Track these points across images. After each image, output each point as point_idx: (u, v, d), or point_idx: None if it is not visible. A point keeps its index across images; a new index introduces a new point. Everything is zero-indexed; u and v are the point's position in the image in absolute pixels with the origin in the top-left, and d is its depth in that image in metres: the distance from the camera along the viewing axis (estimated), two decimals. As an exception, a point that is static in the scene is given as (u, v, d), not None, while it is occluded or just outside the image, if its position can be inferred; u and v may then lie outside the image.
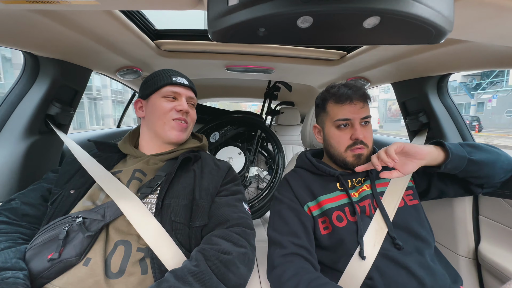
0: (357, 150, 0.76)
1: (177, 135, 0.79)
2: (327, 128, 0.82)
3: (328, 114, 0.81)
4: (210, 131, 1.87)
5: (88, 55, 0.94)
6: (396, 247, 0.69)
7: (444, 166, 0.70)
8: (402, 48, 0.89)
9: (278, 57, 1.20)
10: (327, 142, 0.82)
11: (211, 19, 0.34)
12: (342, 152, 0.78)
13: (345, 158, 0.78)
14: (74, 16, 0.68)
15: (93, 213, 0.63)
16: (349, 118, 0.77)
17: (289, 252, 0.69)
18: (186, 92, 0.82)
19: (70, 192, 0.69)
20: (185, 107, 0.79)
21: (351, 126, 0.78)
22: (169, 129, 0.79)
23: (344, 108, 0.77)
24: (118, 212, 0.64)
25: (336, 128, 0.79)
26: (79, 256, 0.58)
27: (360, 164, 0.76)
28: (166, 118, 0.78)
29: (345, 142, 0.78)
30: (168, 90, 0.80)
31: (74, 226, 0.60)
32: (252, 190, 2.04)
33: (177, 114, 0.79)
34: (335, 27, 0.35)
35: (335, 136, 0.79)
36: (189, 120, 0.83)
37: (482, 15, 0.44)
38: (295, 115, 2.33)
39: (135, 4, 0.45)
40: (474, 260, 0.92)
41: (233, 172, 0.85)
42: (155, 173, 0.75)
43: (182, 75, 0.85)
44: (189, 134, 0.87)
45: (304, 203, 0.78)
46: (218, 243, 0.63)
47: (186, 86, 0.82)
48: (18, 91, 0.89)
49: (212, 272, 0.57)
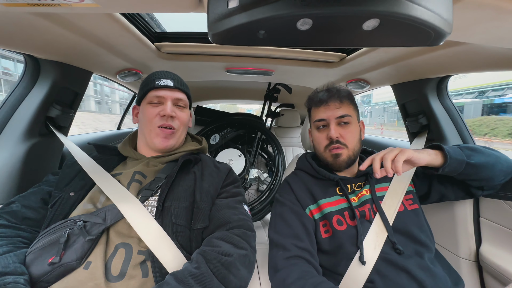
0: (333, 150, 0.78)
1: (162, 142, 0.77)
2: (312, 131, 0.87)
3: (311, 117, 0.86)
4: (210, 133, 1.87)
5: (88, 58, 0.94)
6: (396, 251, 0.69)
7: (442, 169, 0.70)
8: (402, 50, 0.90)
9: (278, 59, 1.20)
10: (313, 143, 0.87)
11: (211, 21, 0.34)
12: (322, 152, 0.81)
13: (326, 158, 0.81)
14: (75, 18, 0.68)
15: (94, 217, 0.63)
16: (324, 119, 0.80)
17: (293, 255, 0.68)
18: (171, 95, 0.78)
19: (70, 194, 0.69)
20: (167, 111, 0.76)
21: (327, 127, 0.80)
22: (154, 136, 0.77)
23: (320, 110, 0.81)
24: (119, 215, 0.64)
25: (316, 129, 0.83)
26: (79, 260, 0.57)
27: (340, 163, 0.78)
28: (152, 125, 0.77)
29: (322, 142, 0.81)
30: (152, 95, 0.77)
31: (75, 230, 0.60)
32: (252, 192, 2.04)
33: (161, 120, 0.76)
34: (335, 29, 0.35)
35: (316, 137, 0.84)
36: (177, 124, 0.79)
37: (481, 17, 0.44)
38: (295, 117, 2.33)
39: (136, 7, 0.45)
40: (476, 263, 0.91)
41: (233, 174, 0.85)
42: (155, 175, 0.74)
43: (169, 76, 0.80)
44: (180, 138, 0.83)
45: (306, 206, 0.78)
46: (218, 245, 0.62)
47: (171, 88, 0.78)
48: (19, 93, 0.89)
49: (213, 274, 0.56)
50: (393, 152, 0.66)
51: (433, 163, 0.70)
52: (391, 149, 0.69)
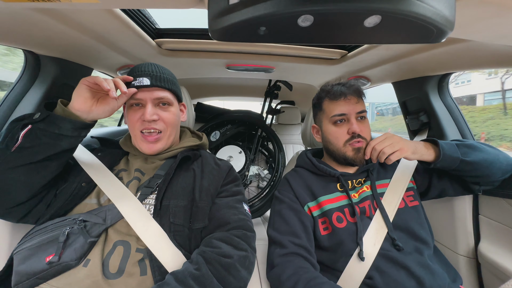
0: (356, 144, 0.77)
1: (148, 148, 0.73)
2: (324, 126, 0.84)
3: (324, 112, 0.83)
4: (210, 130, 1.87)
5: (88, 54, 0.94)
6: (396, 248, 0.69)
7: (434, 164, 0.72)
8: (403, 47, 0.89)
9: (279, 56, 1.19)
10: (326, 139, 0.84)
11: (212, 17, 0.34)
12: (341, 147, 0.79)
13: (345, 153, 0.79)
14: (75, 14, 0.68)
15: (94, 216, 0.62)
16: (344, 113, 0.78)
17: (289, 252, 0.69)
18: (150, 95, 0.71)
19: (82, 185, 0.68)
20: (147, 116, 0.69)
21: (347, 121, 0.79)
22: (140, 142, 0.73)
23: (339, 104, 0.79)
24: (120, 215, 0.64)
25: (333, 124, 0.81)
26: (78, 260, 0.57)
27: (360, 158, 0.78)
28: (135, 130, 0.72)
29: (343, 137, 0.79)
30: (131, 97, 0.71)
31: (75, 229, 0.59)
32: (253, 189, 2.04)
33: (142, 125, 0.71)
34: (336, 26, 0.35)
35: (333, 132, 0.81)
36: (162, 126, 0.73)
37: (483, 14, 0.44)
38: (296, 114, 2.33)
39: (136, 2, 0.45)
40: (474, 260, 0.92)
41: (233, 172, 0.83)
42: (153, 172, 0.74)
43: (146, 72, 0.71)
44: (170, 138, 0.77)
45: (305, 204, 0.78)
46: (219, 246, 0.62)
47: (149, 87, 0.70)
48: (19, 89, 0.89)
49: (213, 276, 0.56)
50: (391, 149, 0.71)
51: (424, 158, 0.73)
52: (391, 141, 0.72)
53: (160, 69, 0.75)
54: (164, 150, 0.78)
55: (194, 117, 1.15)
